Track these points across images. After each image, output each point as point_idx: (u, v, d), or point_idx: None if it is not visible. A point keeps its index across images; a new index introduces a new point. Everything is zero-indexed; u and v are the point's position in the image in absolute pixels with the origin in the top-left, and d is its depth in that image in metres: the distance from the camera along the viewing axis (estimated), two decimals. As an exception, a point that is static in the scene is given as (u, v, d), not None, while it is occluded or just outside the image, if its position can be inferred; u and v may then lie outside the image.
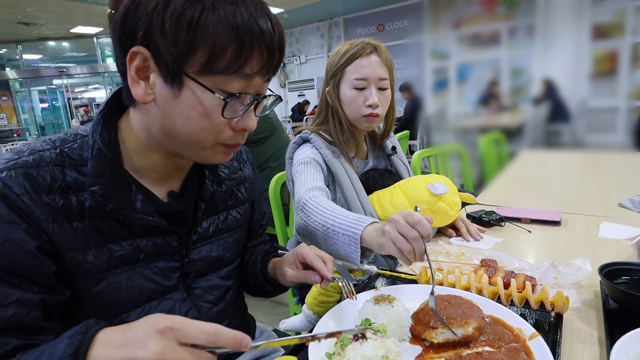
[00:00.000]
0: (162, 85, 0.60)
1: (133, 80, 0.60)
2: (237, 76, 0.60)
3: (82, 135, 0.67)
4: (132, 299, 0.69)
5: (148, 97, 0.61)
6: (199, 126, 0.62)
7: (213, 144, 0.66)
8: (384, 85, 1.29)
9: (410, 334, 0.75)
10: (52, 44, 10.31)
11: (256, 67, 0.61)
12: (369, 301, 0.78)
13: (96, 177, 0.63)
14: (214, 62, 0.58)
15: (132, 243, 0.68)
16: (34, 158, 0.62)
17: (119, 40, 0.60)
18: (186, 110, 0.61)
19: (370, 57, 1.28)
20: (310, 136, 1.32)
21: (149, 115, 0.64)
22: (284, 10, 8.40)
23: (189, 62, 0.58)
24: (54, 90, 12.21)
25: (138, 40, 0.57)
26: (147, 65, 0.59)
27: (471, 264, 1.04)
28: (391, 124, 1.44)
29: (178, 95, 0.60)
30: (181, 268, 0.75)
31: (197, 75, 0.58)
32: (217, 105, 0.61)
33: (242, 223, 0.89)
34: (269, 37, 0.60)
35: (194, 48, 0.57)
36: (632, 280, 0.86)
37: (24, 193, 0.58)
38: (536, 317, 0.80)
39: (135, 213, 0.66)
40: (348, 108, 1.30)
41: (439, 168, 2.35)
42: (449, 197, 1.24)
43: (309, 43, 10.41)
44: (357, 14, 9.28)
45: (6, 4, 6.83)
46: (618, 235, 1.22)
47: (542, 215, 1.39)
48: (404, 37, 8.11)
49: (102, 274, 0.65)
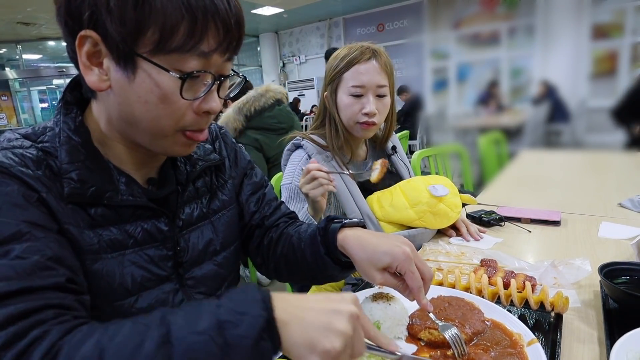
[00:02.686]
0: (116, 69, 0.57)
1: (85, 67, 0.58)
2: (193, 54, 0.57)
3: (50, 128, 0.65)
4: (125, 285, 0.66)
5: (103, 83, 0.59)
6: (158, 110, 0.59)
7: (174, 130, 0.63)
8: (382, 92, 1.27)
9: (407, 332, 0.75)
10: (52, 44, 10.30)
11: (213, 44, 0.58)
12: (367, 298, 0.79)
13: (69, 163, 0.61)
14: (167, 41, 0.55)
15: (120, 228, 0.66)
16: (13, 145, 0.60)
17: (65, 24, 0.57)
18: (143, 94, 0.58)
19: (368, 63, 1.26)
20: (302, 142, 1.32)
21: (108, 104, 0.62)
22: (284, 10, 8.40)
23: (140, 42, 0.55)
24: (54, 90, 12.20)
25: (85, 23, 0.55)
26: (99, 50, 0.57)
27: (471, 264, 1.04)
28: (392, 127, 1.43)
29: (133, 78, 0.57)
30: (173, 257, 0.73)
31: (150, 56, 0.56)
32: (174, 86, 0.58)
33: (229, 202, 0.85)
34: (224, 12, 0.57)
35: (144, 26, 0.54)
36: (631, 280, 0.86)
37: (14, 165, 0.56)
38: (536, 317, 0.80)
39: (120, 195, 0.65)
40: (344, 114, 1.29)
41: (438, 168, 2.35)
42: (450, 198, 1.24)
43: (309, 43, 10.41)
44: (356, 14, 9.28)
45: (6, 4, 6.83)
46: (618, 235, 1.22)
47: (542, 215, 1.39)
48: (404, 37, 8.12)
49: (95, 255, 0.63)
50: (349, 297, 0.53)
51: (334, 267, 0.79)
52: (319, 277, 0.85)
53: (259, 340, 0.47)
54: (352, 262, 0.76)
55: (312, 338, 0.48)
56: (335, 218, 0.80)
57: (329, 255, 0.78)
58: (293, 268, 0.86)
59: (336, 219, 0.80)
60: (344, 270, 0.80)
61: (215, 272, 0.80)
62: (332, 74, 1.30)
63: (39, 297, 0.50)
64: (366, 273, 0.72)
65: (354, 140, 1.38)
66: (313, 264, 0.81)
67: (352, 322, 0.50)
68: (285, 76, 10.99)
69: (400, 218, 1.24)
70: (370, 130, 1.30)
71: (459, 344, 0.67)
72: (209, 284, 0.79)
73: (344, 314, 0.50)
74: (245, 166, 0.92)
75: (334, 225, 0.78)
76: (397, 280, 0.71)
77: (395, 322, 0.74)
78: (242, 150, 0.94)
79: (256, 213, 0.91)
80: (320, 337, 0.48)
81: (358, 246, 0.73)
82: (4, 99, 10.95)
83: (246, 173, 0.91)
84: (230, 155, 0.89)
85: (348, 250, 0.75)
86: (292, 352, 0.49)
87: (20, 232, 0.53)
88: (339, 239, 0.76)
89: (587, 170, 2.20)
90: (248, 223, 0.91)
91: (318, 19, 9.85)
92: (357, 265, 0.74)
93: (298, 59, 10.63)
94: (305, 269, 0.84)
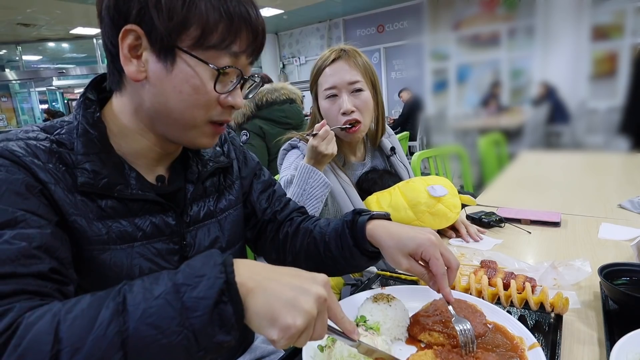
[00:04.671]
0: (155, 61, 0.62)
1: (126, 58, 0.62)
2: (226, 53, 0.63)
3: (68, 122, 0.68)
4: (132, 277, 0.67)
5: (140, 74, 0.63)
6: (191, 100, 0.64)
7: (204, 121, 0.67)
8: (356, 87, 1.27)
9: (407, 334, 0.75)
10: (52, 45, 10.31)
11: (243, 45, 0.65)
12: (368, 299, 0.79)
13: (84, 154, 0.64)
14: (206, 37, 0.61)
15: (130, 221, 0.68)
16: (28, 136, 0.63)
17: (112, 19, 0.62)
18: (179, 84, 0.63)
19: (335, 64, 1.27)
20: (298, 143, 1.34)
21: (139, 96, 0.66)
22: (284, 12, 8.41)
23: (182, 37, 0.61)
24: (54, 92, 12.21)
25: (132, 18, 0.60)
26: (139, 43, 0.62)
27: (471, 265, 1.03)
28: (383, 122, 1.43)
29: (171, 70, 0.62)
30: (180, 251, 0.75)
31: (191, 50, 0.61)
32: (209, 78, 0.63)
33: (236, 202, 0.88)
34: (255, 20, 0.65)
35: (188, 22, 0.60)
36: (631, 281, 0.85)
37: (26, 155, 0.60)
38: (536, 319, 0.80)
39: (130, 189, 0.68)
40: (329, 121, 1.28)
41: (438, 169, 2.35)
42: (448, 199, 1.24)
43: (309, 44, 10.42)
44: (356, 15, 9.28)
45: (6, 5, 6.83)
46: (618, 236, 1.22)
47: (542, 217, 1.39)
48: (404, 38, 8.12)
49: (103, 245, 0.65)
50: (320, 278, 0.54)
51: (361, 257, 0.83)
52: (343, 268, 0.88)
53: (217, 303, 0.47)
54: (378, 252, 0.81)
55: (275, 310, 0.48)
56: (362, 211, 0.85)
57: (357, 246, 0.82)
58: (315, 261, 0.89)
59: (363, 211, 0.85)
60: (370, 260, 0.84)
61: None
62: (311, 84, 1.33)
63: (17, 283, 0.50)
64: (393, 259, 0.76)
65: (349, 143, 1.38)
66: (339, 256, 0.85)
67: (318, 304, 0.50)
68: (285, 77, 10.98)
69: (399, 218, 1.24)
70: (357, 132, 1.30)
71: (469, 340, 0.67)
72: None
73: (312, 294, 0.50)
74: (255, 167, 0.96)
75: (362, 217, 0.83)
76: (422, 268, 0.75)
77: (395, 324, 0.74)
78: (249, 152, 0.98)
79: (267, 209, 0.94)
80: (283, 311, 0.48)
81: (386, 234, 0.78)
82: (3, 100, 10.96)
83: (255, 173, 0.95)
84: (239, 156, 0.93)
85: (376, 239, 0.79)
86: (253, 321, 0.49)
87: (15, 220, 0.54)
88: (367, 229, 0.80)
89: (587, 171, 2.20)
90: (260, 219, 0.94)
91: (318, 20, 9.85)
92: (384, 252, 0.79)
93: (298, 60, 10.63)
94: (329, 261, 0.86)
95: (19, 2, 6.76)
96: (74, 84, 12.02)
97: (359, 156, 1.44)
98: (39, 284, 0.53)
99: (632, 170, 2.15)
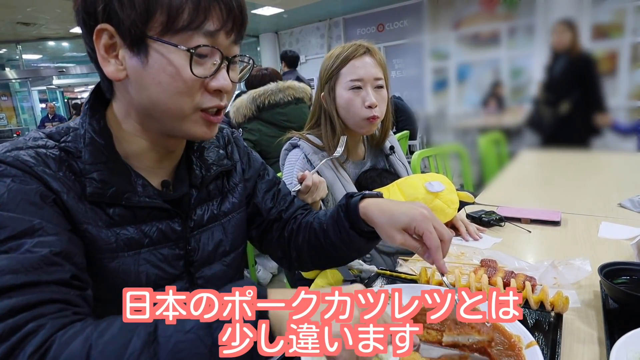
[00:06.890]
0: (130, 57, 0.61)
1: (103, 59, 0.62)
2: (199, 33, 0.60)
3: (74, 128, 0.68)
4: (139, 283, 0.69)
5: (120, 73, 0.62)
6: (172, 89, 0.62)
7: (192, 109, 0.65)
8: (379, 84, 1.29)
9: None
10: (52, 44, 10.29)
11: (217, 24, 0.61)
12: None
13: (92, 164, 0.64)
14: (174, 20, 0.59)
15: (137, 228, 0.69)
16: (37, 144, 0.63)
17: (84, 23, 0.62)
18: (156, 75, 0.61)
19: (363, 58, 1.28)
20: (299, 142, 1.33)
21: (127, 96, 0.66)
22: (284, 10, 8.40)
23: (150, 25, 0.59)
24: (54, 90, 12.20)
25: (99, 16, 0.59)
26: (114, 42, 0.61)
27: (471, 264, 1.03)
28: (388, 126, 1.43)
29: (146, 62, 0.61)
30: (185, 256, 0.76)
31: (160, 36, 0.60)
32: (184, 62, 0.61)
33: (239, 205, 0.88)
34: None
35: (152, 8, 0.58)
36: (631, 280, 0.85)
37: (37, 165, 0.60)
38: (536, 317, 0.80)
39: (138, 197, 0.68)
40: (347, 112, 1.29)
41: (438, 168, 2.35)
42: (446, 195, 1.24)
43: (309, 43, 10.40)
44: (356, 14, 9.26)
45: (6, 4, 6.82)
46: (618, 235, 1.22)
47: (542, 216, 1.39)
48: (404, 37, 8.10)
49: (113, 253, 0.66)
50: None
51: (359, 239, 0.83)
52: (344, 254, 0.88)
53: None
54: (375, 232, 0.80)
55: None
56: (355, 194, 0.85)
57: (353, 228, 0.82)
58: (317, 252, 0.89)
59: (355, 194, 0.84)
60: (369, 242, 0.84)
61: (224, 273, 0.83)
62: (329, 73, 1.31)
63: (42, 291, 0.51)
64: (387, 234, 0.77)
65: (352, 139, 1.38)
66: (338, 241, 0.85)
67: None
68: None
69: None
70: (375, 124, 1.31)
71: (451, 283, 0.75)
72: (217, 284, 0.81)
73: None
74: (259, 168, 0.96)
75: (355, 198, 0.83)
76: (416, 242, 0.75)
77: None
78: (253, 153, 0.97)
79: (273, 208, 0.94)
80: None
81: (378, 211, 0.78)
82: (4, 99, 10.95)
83: (260, 174, 0.95)
84: (243, 158, 0.93)
85: (369, 216, 0.79)
86: None
87: (33, 228, 0.55)
88: (360, 208, 0.80)
89: (587, 171, 2.20)
90: (266, 218, 0.94)
91: (318, 19, 9.83)
92: (378, 229, 0.79)
93: (298, 59, 10.63)
94: (331, 249, 0.87)
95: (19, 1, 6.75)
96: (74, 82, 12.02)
97: (359, 155, 1.44)
98: (62, 291, 0.53)
99: (633, 169, 2.15)
